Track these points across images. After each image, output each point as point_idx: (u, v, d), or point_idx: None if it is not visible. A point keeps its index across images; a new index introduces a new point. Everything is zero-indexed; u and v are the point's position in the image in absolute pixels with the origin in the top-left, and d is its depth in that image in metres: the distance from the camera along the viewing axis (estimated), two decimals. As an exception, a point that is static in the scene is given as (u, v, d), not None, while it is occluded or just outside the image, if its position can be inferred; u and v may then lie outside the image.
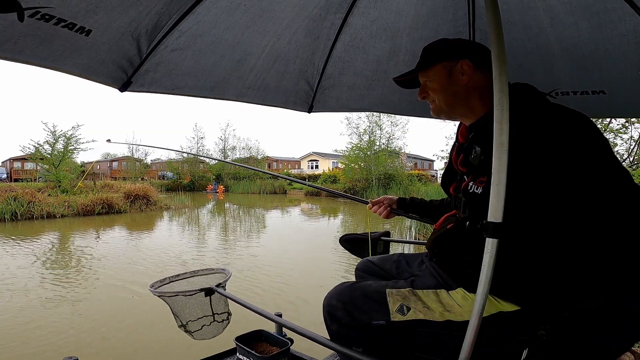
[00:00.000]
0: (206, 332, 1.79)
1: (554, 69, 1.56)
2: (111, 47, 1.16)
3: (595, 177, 0.71)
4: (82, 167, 29.63)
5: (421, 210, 1.58)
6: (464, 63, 0.99)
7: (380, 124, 27.85)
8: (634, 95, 1.54)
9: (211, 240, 9.57)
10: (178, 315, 1.71)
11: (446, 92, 1.04)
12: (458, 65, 1.00)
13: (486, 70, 0.98)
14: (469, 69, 0.99)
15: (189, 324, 1.73)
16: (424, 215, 1.58)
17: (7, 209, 12.76)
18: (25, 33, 0.93)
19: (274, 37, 1.49)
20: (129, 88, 1.35)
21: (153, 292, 1.64)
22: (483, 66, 0.99)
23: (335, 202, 22.50)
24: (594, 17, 1.29)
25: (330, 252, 7.45)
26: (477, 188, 0.98)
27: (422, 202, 1.59)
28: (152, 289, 1.66)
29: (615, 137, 4.89)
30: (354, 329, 1.07)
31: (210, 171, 37.29)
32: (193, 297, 1.68)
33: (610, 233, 0.66)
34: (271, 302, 4.30)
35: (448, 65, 1.02)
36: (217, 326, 1.81)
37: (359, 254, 1.82)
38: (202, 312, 1.75)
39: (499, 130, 0.73)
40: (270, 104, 1.82)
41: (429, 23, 1.54)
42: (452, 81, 1.02)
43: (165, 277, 1.77)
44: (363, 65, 1.78)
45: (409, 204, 1.62)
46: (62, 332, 3.66)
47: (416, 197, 1.65)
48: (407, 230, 10.32)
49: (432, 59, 1.06)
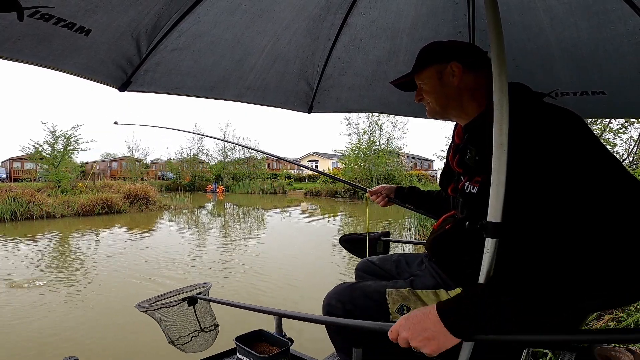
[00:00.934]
0: (196, 344, 1.84)
1: (553, 70, 1.55)
2: (111, 47, 1.16)
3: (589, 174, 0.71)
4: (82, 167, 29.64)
5: (418, 200, 1.62)
6: (453, 65, 1.00)
7: (380, 124, 27.88)
8: (633, 95, 1.54)
9: (211, 240, 9.57)
10: (166, 331, 1.76)
11: (438, 94, 1.05)
12: (448, 67, 1.01)
13: (478, 71, 1.00)
14: (459, 70, 1.00)
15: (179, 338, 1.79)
16: (420, 207, 1.62)
17: (7, 209, 12.75)
18: (24, 32, 0.93)
19: (273, 38, 1.49)
20: (129, 88, 1.35)
21: (139, 309, 1.67)
22: (474, 67, 1.00)
23: (335, 202, 22.50)
24: (594, 17, 1.29)
25: (331, 252, 7.44)
26: (473, 188, 0.98)
27: (420, 192, 1.63)
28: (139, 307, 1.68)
29: (615, 137, 4.90)
30: (353, 329, 1.07)
31: (210, 171, 37.28)
32: (177, 309, 1.75)
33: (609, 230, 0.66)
34: (272, 301, 4.30)
35: (439, 68, 1.03)
36: (207, 337, 1.88)
37: (358, 254, 1.83)
38: (189, 324, 1.81)
39: (499, 130, 0.73)
40: (269, 104, 1.82)
41: (428, 23, 1.54)
42: (443, 83, 1.03)
43: (152, 297, 1.80)
44: (363, 65, 1.78)
45: (407, 193, 1.66)
46: (62, 332, 3.65)
47: (416, 187, 1.68)
48: (407, 230, 10.32)
49: (424, 62, 1.07)
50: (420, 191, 1.63)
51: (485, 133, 0.89)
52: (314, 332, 3.33)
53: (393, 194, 1.70)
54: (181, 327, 1.81)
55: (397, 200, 1.69)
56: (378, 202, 1.72)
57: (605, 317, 2.55)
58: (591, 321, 2.53)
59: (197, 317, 1.83)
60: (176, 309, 1.76)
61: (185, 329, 1.82)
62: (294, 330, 2.78)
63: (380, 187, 1.75)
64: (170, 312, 1.76)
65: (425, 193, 1.61)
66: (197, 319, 1.84)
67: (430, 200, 1.57)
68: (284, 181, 34.38)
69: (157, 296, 1.82)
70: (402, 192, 1.68)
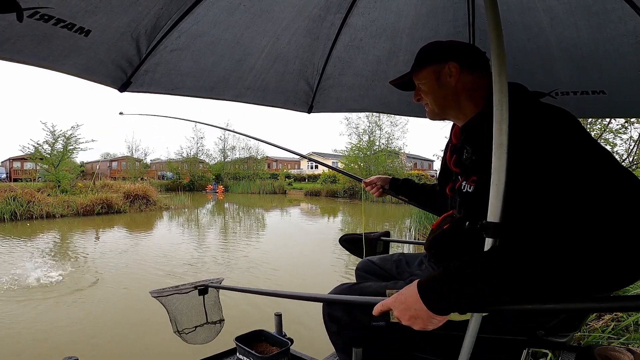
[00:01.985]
0: (199, 335, 1.91)
1: (554, 69, 1.55)
2: (110, 47, 1.16)
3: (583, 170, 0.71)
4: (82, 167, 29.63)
5: (412, 193, 1.65)
6: (451, 65, 1.00)
7: (379, 124, 27.89)
8: (633, 95, 1.54)
9: (212, 239, 9.57)
10: (173, 320, 1.82)
11: (436, 95, 1.05)
12: (446, 67, 1.01)
13: (475, 71, 1.00)
14: (456, 71, 1.00)
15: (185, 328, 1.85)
16: (414, 199, 1.65)
17: (7, 209, 12.75)
18: (24, 33, 0.93)
19: (273, 38, 1.49)
20: (129, 88, 1.35)
21: (152, 295, 1.76)
22: (471, 68, 1.00)
23: (335, 202, 22.51)
24: (594, 17, 1.29)
25: (331, 252, 7.45)
26: (469, 187, 0.98)
27: (414, 185, 1.66)
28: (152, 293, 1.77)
29: (615, 137, 4.89)
30: (353, 329, 1.07)
31: (210, 171, 37.29)
32: (188, 297, 1.82)
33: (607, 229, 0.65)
34: (272, 301, 4.30)
35: (437, 68, 1.03)
36: (210, 330, 1.93)
37: (358, 254, 1.83)
38: (197, 314, 1.87)
39: (499, 130, 0.73)
40: (269, 104, 1.82)
41: (428, 23, 1.54)
42: (441, 83, 1.03)
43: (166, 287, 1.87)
44: (363, 65, 1.77)
45: (401, 185, 1.69)
46: (62, 332, 3.65)
47: (410, 179, 1.70)
48: (407, 230, 10.33)
49: (422, 62, 1.07)
50: (415, 184, 1.66)
51: (482, 133, 0.89)
52: (314, 332, 3.33)
53: (388, 184, 1.72)
54: (188, 317, 1.87)
55: (391, 191, 1.71)
56: (373, 192, 1.75)
57: (605, 317, 2.55)
58: (591, 321, 2.53)
59: (205, 309, 1.90)
60: (187, 296, 1.83)
61: (191, 319, 1.88)
62: (294, 330, 2.78)
63: (375, 177, 1.77)
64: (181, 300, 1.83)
65: (419, 186, 1.64)
66: (205, 310, 1.90)
67: (424, 194, 1.60)
68: (284, 181, 34.39)
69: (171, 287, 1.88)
70: (396, 183, 1.70)
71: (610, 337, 2.28)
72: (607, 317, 2.54)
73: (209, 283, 1.87)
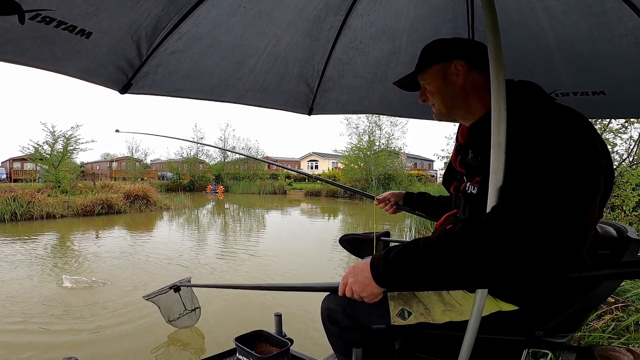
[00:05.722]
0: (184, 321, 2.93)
1: (553, 70, 1.56)
2: (111, 50, 1.16)
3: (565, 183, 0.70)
4: (82, 167, 29.62)
5: (428, 207, 1.57)
6: (457, 64, 0.97)
7: (379, 124, 27.86)
8: (634, 95, 1.54)
9: (212, 240, 9.57)
10: (164, 313, 2.83)
11: (443, 95, 1.01)
12: (452, 66, 0.98)
13: (482, 68, 0.95)
14: (463, 69, 0.97)
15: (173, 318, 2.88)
16: (431, 214, 1.56)
17: (7, 210, 12.73)
18: (26, 35, 0.94)
19: (273, 39, 1.49)
20: (129, 90, 1.36)
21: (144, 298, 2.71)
22: (478, 65, 0.96)
23: (335, 202, 22.49)
24: (593, 17, 1.29)
25: (331, 252, 7.45)
26: (473, 188, 0.98)
27: (430, 198, 1.57)
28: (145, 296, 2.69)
29: (615, 137, 4.88)
30: (353, 331, 1.07)
31: (210, 171, 37.26)
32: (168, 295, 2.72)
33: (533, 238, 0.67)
34: (272, 301, 4.30)
35: (443, 67, 1.00)
36: (191, 316, 2.97)
37: (359, 254, 1.83)
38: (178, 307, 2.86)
39: (497, 130, 0.73)
40: (269, 106, 1.82)
41: (428, 24, 1.54)
42: (448, 83, 0.99)
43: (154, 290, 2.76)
44: (363, 67, 1.78)
45: (416, 199, 1.60)
46: (62, 332, 3.65)
47: (426, 193, 1.62)
48: (408, 230, 10.32)
49: (427, 62, 1.04)
50: (431, 197, 1.57)
51: (488, 133, 0.88)
52: (314, 332, 3.33)
53: (402, 200, 1.64)
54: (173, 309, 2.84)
55: (407, 208, 1.63)
56: (386, 209, 1.67)
57: (605, 317, 2.55)
58: (591, 321, 2.53)
59: (183, 302, 2.86)
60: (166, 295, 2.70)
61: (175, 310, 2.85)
62: (294, 330, 2.78)
63: (388, 194, 1.70)
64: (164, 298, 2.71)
65: (436, 199, 1.54)
66: (182, 303, 2.87)
67: (441, 207, 1.50)
68: (284, 181, 34.37)
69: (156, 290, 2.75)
70: (411, 198, 1.62)
71: (610, 337, 2.29)
72: (607, 317, 2.55)
73: (179, 283, 2.73)
